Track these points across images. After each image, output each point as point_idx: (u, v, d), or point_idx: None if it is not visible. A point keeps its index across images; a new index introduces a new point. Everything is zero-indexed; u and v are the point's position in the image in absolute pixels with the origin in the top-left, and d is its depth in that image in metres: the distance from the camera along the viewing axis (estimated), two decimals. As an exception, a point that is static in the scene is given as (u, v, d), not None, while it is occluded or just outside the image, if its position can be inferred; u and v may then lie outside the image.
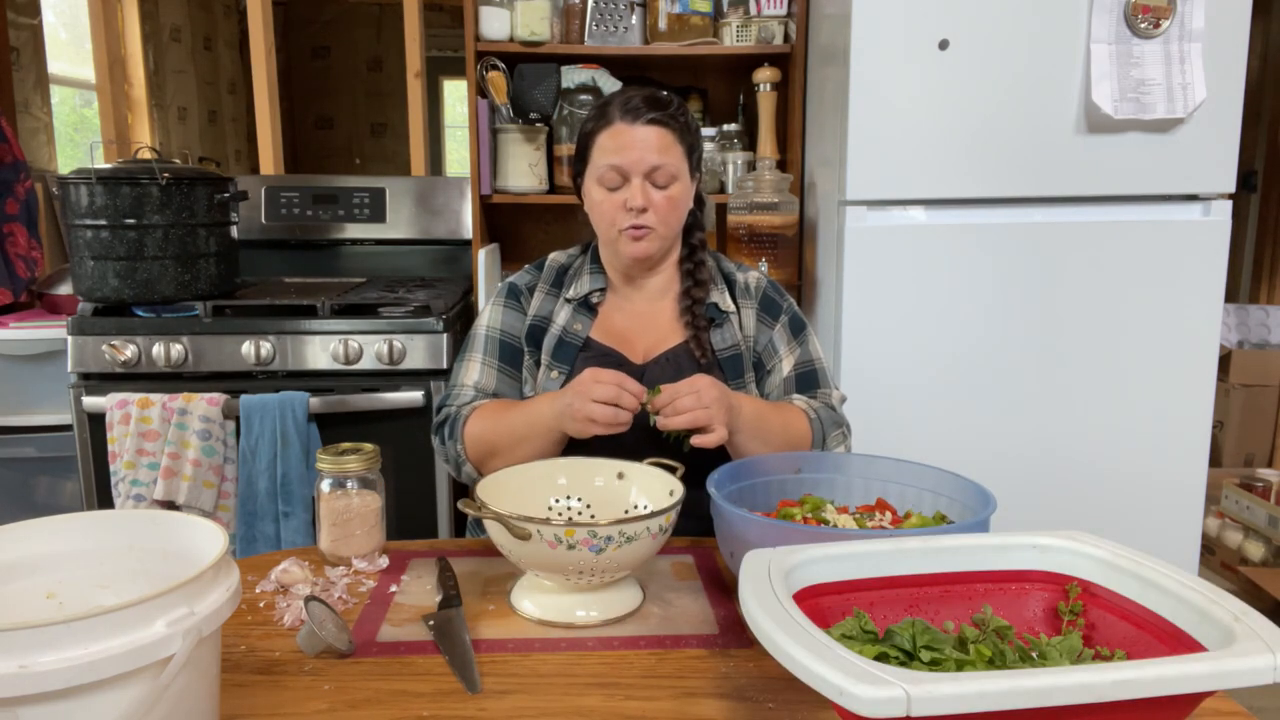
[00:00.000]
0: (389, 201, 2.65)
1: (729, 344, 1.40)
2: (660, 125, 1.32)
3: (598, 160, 1.34)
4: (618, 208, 1.33)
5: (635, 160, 1.31)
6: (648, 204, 1.31)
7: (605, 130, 1.33)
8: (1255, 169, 4.49)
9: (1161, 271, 1.94)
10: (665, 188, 1.33)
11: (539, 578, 1.04)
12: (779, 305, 1.44)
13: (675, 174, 1.33)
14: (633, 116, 1.31)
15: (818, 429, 1.32)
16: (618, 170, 1.32)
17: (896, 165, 1.91)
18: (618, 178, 1.32)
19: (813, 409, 1.34)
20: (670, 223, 1.35)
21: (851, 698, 0.56)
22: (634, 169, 1.31)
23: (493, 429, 1.29)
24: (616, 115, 1.32)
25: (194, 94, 4.68)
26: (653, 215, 1.32)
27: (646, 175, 1.31)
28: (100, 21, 3.02)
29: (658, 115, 1.32)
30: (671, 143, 1.33)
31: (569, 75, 2.33)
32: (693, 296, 1.39)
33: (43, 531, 0.82)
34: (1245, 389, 3.70)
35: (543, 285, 1.46)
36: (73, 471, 2.20)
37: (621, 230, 1.33)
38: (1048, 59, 1.87)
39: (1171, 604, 0.73)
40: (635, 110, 1.32)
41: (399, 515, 2.14)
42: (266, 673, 0.91)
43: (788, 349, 1.42)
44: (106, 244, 2.06)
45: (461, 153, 6.58)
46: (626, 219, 1.32)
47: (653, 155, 1.31)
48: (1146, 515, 2.01)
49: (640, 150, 1.31)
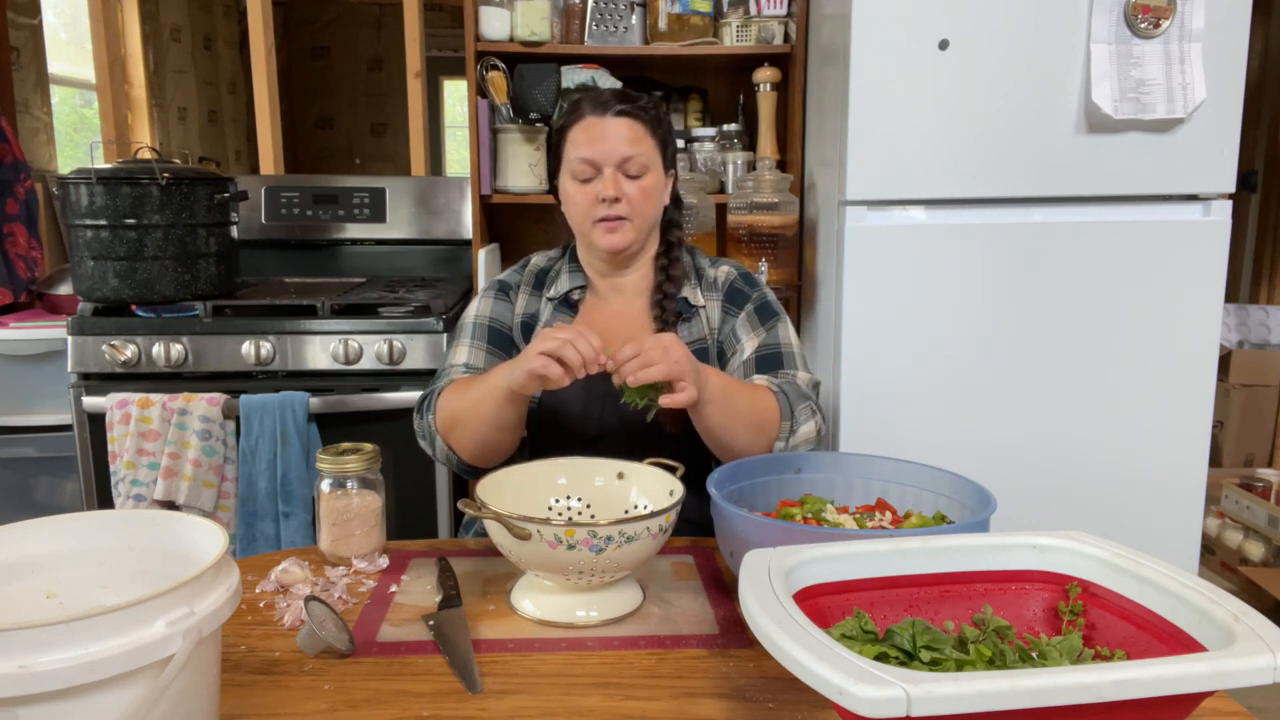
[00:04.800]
0: (389, 201, 2.65)
1: (694, 338, 1.41)
2: (630, 117, 1.34)
3: (570, 155, 1.36)
4: (591, 200, 1.34)
5: (607, 151, 1.33)
6: (619, 194, 1.33)
7: (577, 125, 1.36)
8: (1255, 169, 4.49)
9: (1161, 272, 1.94)
10: (638, 178, 1.34)
11: (539, 578, 1.04)
12: (745, 295, 1.44)
13: (647, 164, 1.35)
14: (603, 109, 1.34)
15: (784, 402, 1.28)
16: (589, 163, 1.33)
17: (896, 165, 1.91)
18: (590, 169, 1.34)
19: (774, 384, 1.32)
20: (645, 213, 1.36)
21: (851, 698, 0.56)
22: (605, 160, 1.33)
23: (459, 399, 1.28)
24: (587, 110, 1.35)
25: (194, 94, 4.68)
26: (625, 205, 1.33)
27: (618, 166, 1.33)
28: (100, 21, 3.02)
29: (627, 108, 1.35)
30: (642, 134, 1.35)
31: (569, 75, 2.33)
32: (664, 292, 1.40)
33: (43, 531, 0.82)
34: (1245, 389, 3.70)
35: (524, 286, 1.48)
36: (73, 471, 2.20)
37: (595, 222, 1.35)
38: (1048, 59, 1.87)
39: (1171, 604, 0.73)
40: (605, 103, 1.35)
41: (399, 515, 2.14)
42: (266, 673, 0.91)
43: (750, 335, 1.41)
44: (106, 244, 2.06)
45: (461, 153, 6.57)
46: (600, 209, 1.34)
47: (624, 146, 1.33)
48: (1146, 515, 2.01)
49: (611, 141, 1.33)
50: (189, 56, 4.62)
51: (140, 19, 4.03)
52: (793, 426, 1.28)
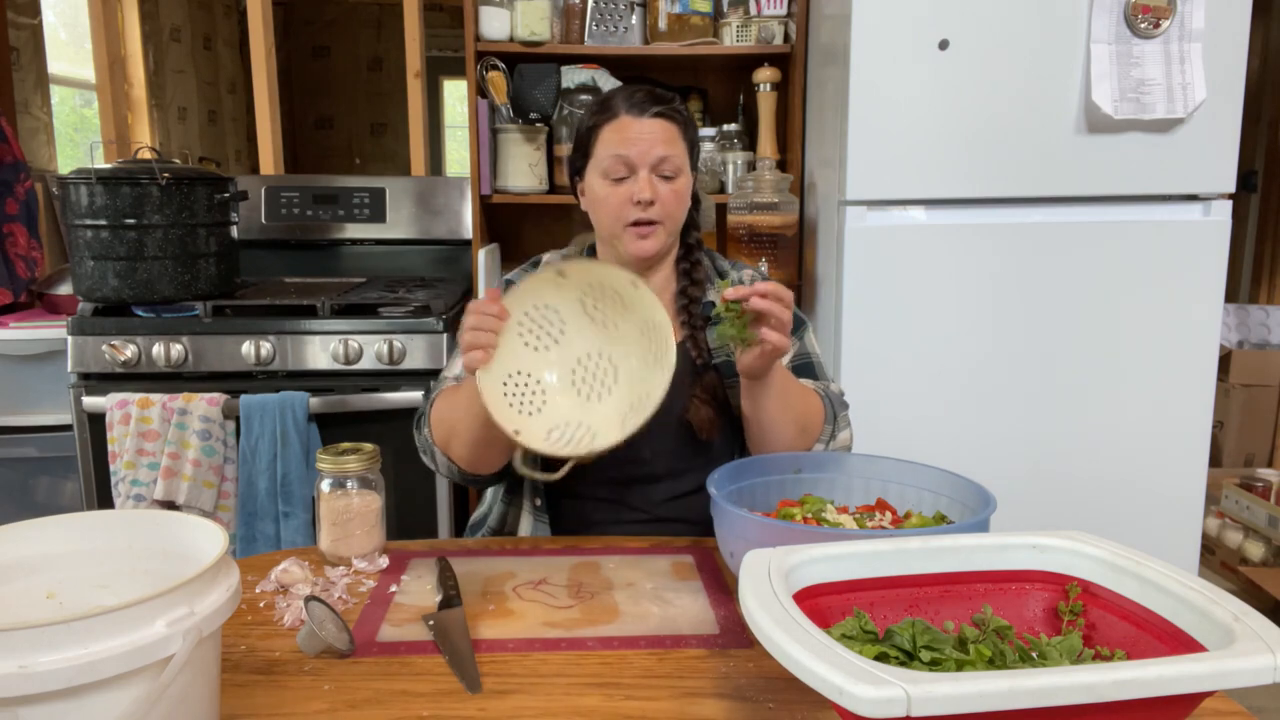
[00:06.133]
0: (389, 201, 2.65)
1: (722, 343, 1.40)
2: (666, 119, 1.32)
3: (601, 153, 1.33)
4: (624, 201, 1.31)
5: (643, 151, 1.30)
6: (655, 196, 1.30)
7: (610, 123, 1.32)
8: (1255, 169, 4.49)
9: (1161, 271, 1.94)
10: (672, 179, 1.32)
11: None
12: None
13: (680, 167, 1.33)
14: (639, 110, 1.31)
15: (828, 406, 1.31)
16: (624, 162, 1.30)
17: (896, 165, 1.91)
18: (624, 169, 1.31)
19: (819, 388, 1.35)
20: (676, 217, 1.35)
21: (851, 698, 0.56)
22: (641, 160, 1.30)
23: (450, 408, 1.28)
24: (622, 108, 1.32)
25: (194, 94, 4.68)
26: (659, 208, 1.31)
27: (653, 168, 1.31)
28: (100, 21, 3.02)
29: (663, 109, 1.32)
30: (676, 136, 1.33)
31: (569, 75, 2.33)
32: (689, 296, 1.39)
33: (43, 531, 0.82)
34: (1245, 389, 3.70)
35: None
36: (73, 471, 2.20)
37: (627, 225, 1.32)
38: (1048, 59, 1.87)
39: (1171, 604, 0.73)
40: (641, 104, 1.32)
41: (399, 515, 2.14)
42: (266, 673, 0.91)
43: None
44: (106, 244, 2.05)
45: (461, 153, 6.58)
46: (633, 212, 1.31)
47: (660, 147, 1.30)
48: (1146, 515, 2.01)
49: (648, 142, 1.30)
50: (189, 56, 4.62)
51: (140, 19, 4.03)
52: (834, 432, 1.31)
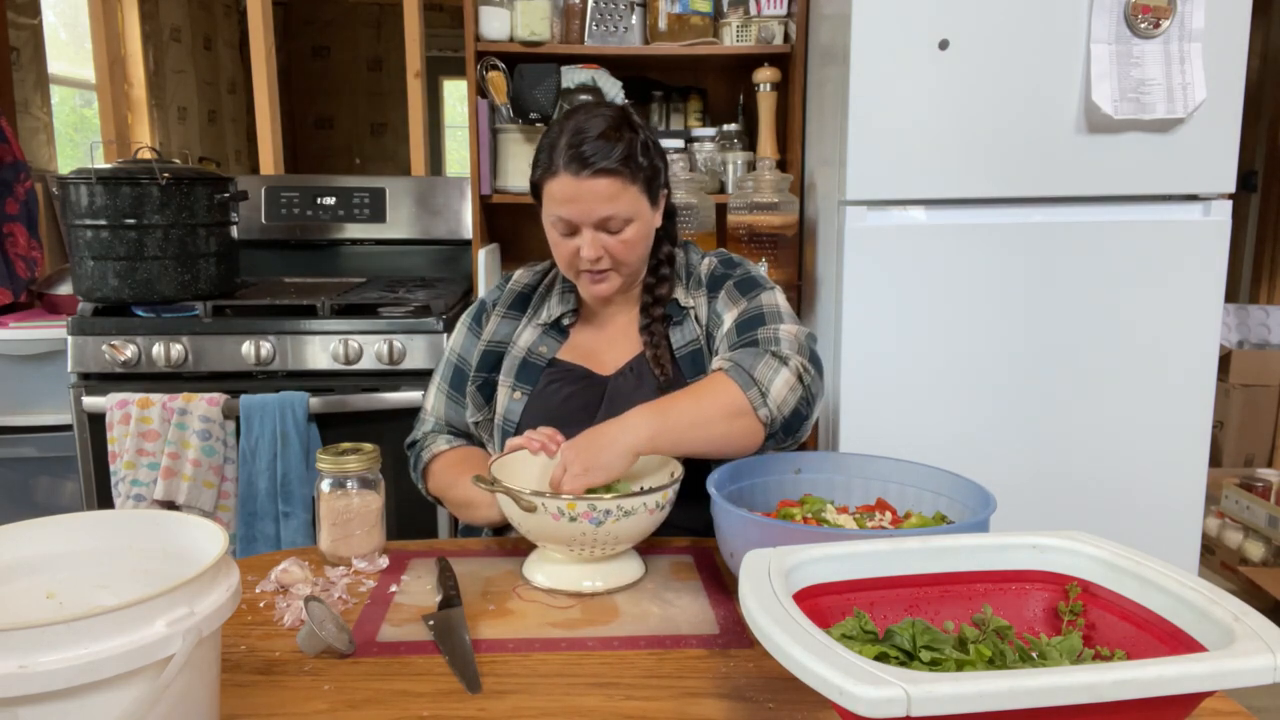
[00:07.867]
0: (389, 201, 2.65)
1: (688, 340, 1.36)
2: (608, 175, 1.25)
3: (548, 207, 1.30)
4: (573, 253, 1.30)
5: (584, 212, 1.27)
6: (600, 253, 1.29)
7: (552, 180, 1.27)
8: (1255, 169, 4.49)
9: (1161, 272, 1.94)
10: (619, 233, 1.29)
11: (548, 550, 1.12)
12: (726, 275, 1.40)
13: (630, 217, 1.28)
14: (578, 167, 1.24)
15: (738, 374, 1.20)
16: (567, 222, 1.28)
17: (896, 165, 1.90)
18: (568, 228, 1.29)
19: (726, 359, 1.25)
20: (630, 260, 1.32)
21: (851, 698, 0.56)
22: (583, 221, 1.27)
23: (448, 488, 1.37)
24: (561, 165, 1.26)
25: (194, 94, 4.68)
26: (608, 260, 1.30)
27: (597, 226, 1.28)
28: (100, 21, 3.02)
29: (605, 165, 1.24)
30: (621, 189, 1.26)
31: (569, 75, 2.33)
32: (651, 315, 1.37)
33: (43, 531, 0.82)
34: (1245, 389, 3.70)
35: (500, 308, 1.46)
36: (73, 471, 2.20)
37: (580, 271, 1.32)
38: (1048, 59, 1.87)
39: (1171, 604, 0.72)
40: (580, 160, 1.24)
41: (399, 515, 2.14)
42: (266, 673, 0.91)
43: (731, 308, 1.35)
44: (106, 244, 2.05)
45: (461, 153, 6.57)
46: (584, 263, 1.30)
47: (602, 207, 1.26)
48: (1146, 515, 2.01)
49: (589, 202, 1.25)
50: (189, 56, 4.62)
51: (140, 19, 4.03)
52: (762, 390, 1.19)
